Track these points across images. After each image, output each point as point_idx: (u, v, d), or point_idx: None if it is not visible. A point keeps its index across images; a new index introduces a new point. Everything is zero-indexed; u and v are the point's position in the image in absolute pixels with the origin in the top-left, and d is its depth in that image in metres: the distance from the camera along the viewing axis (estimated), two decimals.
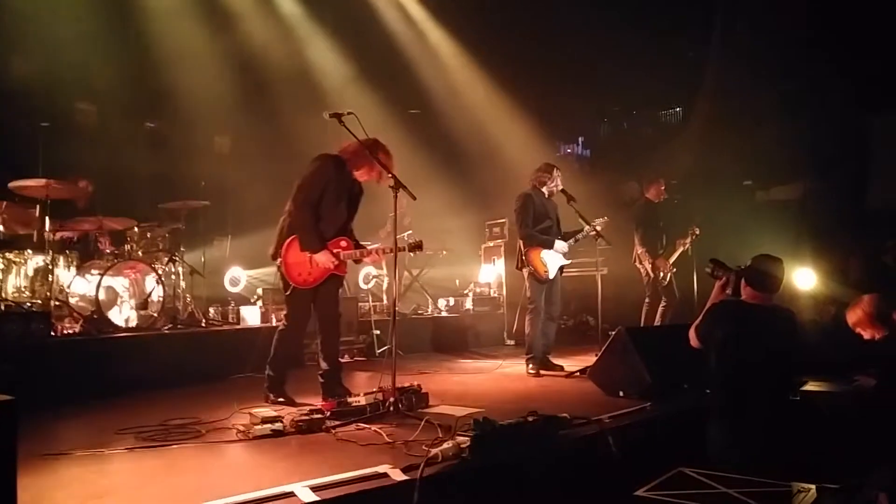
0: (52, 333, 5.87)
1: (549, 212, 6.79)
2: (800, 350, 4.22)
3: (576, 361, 6.90)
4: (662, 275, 8.20)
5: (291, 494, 2.95)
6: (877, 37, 9.06)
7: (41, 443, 3.86)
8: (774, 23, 9.97)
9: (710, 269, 4.39)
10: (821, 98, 9.82)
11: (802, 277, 7.66)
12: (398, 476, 3.18)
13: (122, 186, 8.12)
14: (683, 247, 8.26)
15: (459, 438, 3.57)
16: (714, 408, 4.02)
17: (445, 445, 3.46)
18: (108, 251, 7.11)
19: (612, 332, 5.59)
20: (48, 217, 6.57)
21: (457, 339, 9.14)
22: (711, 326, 4.09)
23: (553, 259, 6.66)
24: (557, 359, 6.84)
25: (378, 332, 8.03)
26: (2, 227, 6.60)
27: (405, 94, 11.39)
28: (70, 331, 6.21)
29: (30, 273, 6.34)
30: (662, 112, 13.36)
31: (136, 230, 7.27)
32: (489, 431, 3.61)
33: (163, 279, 6.86)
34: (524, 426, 3.90)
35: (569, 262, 6.87)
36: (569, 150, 13.82)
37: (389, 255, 5.07)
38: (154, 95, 9.26)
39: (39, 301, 6.24)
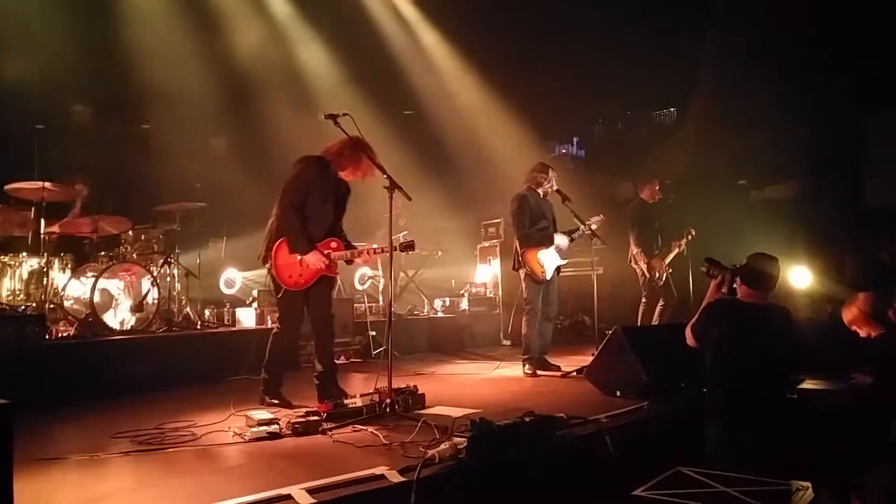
0: (47, 336, 5.87)
1: (546, 212, 6.78)
2: (796, 348, 4.21)
3: (572, 361, 6.89)
4: (658, 275, 8.21)
5: (288, 497, 2.94)
6: (871, 36, 9.08)
7: (37, 447, 3.85)
8: (769, 22, 9.99)
9: (706, 269, 4.39)
10: (815, 97, 9.83)
11: (798, 276, 7.68)
12: (395, 478, 3.18)
13: (117, 188, 8.09)
14: (679, 248, 8.26)
15: (456, 439, 3.58)
16: (711, 407, 4.02)
17: (442, 447, 3.47)
18: (103, 253, 7.09)
19: (609, 332, 5.58)
20: (43, 219, 6.56)
21: (453, 340, 9.13)
22: (707, 325, 4.09)
23: (550, 260, 6.65)
24: (554, 359, 6.84)
25: (374, 334, 8.03)
26: None
27: (399, 96, 11.39)
28: (65, 334, 6.19)
29: (24, 276, 6.34)
30: (657, 112, 13.36)
31: (131, 232, 7.26)
32: (486, 432, 3.61)
33: (158, 281, 6.85)
34: (521, 427, 3.90)
35: (565, 262, 6.86)
36: (563, 151, 13.81)
37: (385, 257, 5.07)
38: (148, 97, 9.23)
39: (34, 304, 6.23)
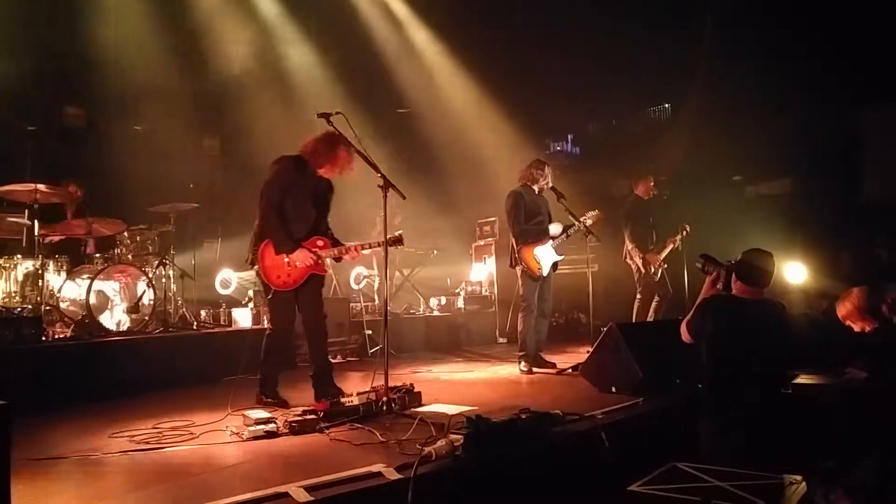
0: (44, 338, 5.86)
1: (541, 208, 6.78)
2: (791, 343, 4.22)
3: (568, 358, 6.91)
4: (653, 270, 8.22)
5: (286, 495, 2.95)
6: (866, 30, 9.08)
7: (34, 448, 3.85)
8: (764, 17, 9.99)
9: (701, 265, 4.40)
10: (810, 93, 9.84)
11: (793, 271, 7.71)
12: (392, 475, 3.19)
13: (111, 190, 8.08)
14: (674, 244, 8.27)
15: (453, 437, 3.58)
16: (706, 402, 4.03)
17: (439, 444, 3.47)
18: (98, 255, 7.08)
19: (604, 329, 5.59)
20: (37, 221, 6.55)
21: (449, 338, 9.16)
22: (702, 321, 4.10)
23: (546, 256, 6.66)
24: (549, 356, 6.86)
25: (370, 332, 8.04)
26: None
27: (393, 94, 11.38)
28: (62, 335, 6.19)
29: (20, 278, 6.33)
30: (652, 108, 13.36)
31: (126, 234, 7.25)
32: (482, 429, 3.62)
33: (153, 282, 6.84)
34: (517, 423, 3.92)
35: (561, 258, 6.86)
36: (558, 148, 13.80)
37: (381, 257, 5.06)
38: (141, 98, 9.22)
39: (30, 306, 6.22)
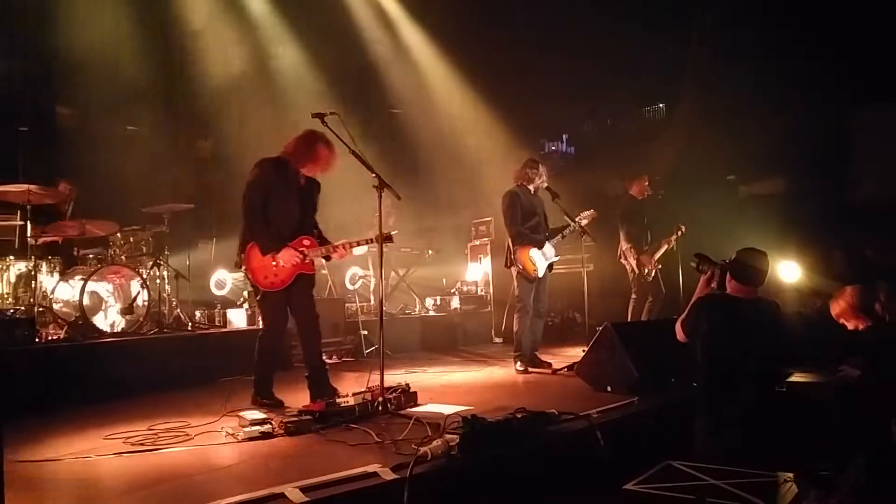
0: (37, 340, 5.84)
1: (536, 208, 6.78)
2: (785, 342, 4.23)
3: (563, 358, 6.91)
4: (648, 270, 8.24)
5: (282, 496, 2.94)
6: (860, 30, 9.11)
7: (29, 449, 3.84)
8: (758, 17, 10.02)
9: (695, 264, 4.41)
10: (804, 92, 9.86)
11: (787, 270, 7.73)
12: (388, 475, 3.18)
13: (105, 190, 8.04)
14: (668, 244, 8.29)
15: (448, 436, 3.58)
16: (701, 401, 4.04)
17: (434, 444, 3.47)
18: (91, 256, 7.06)
19: (599, 328, 5.59)
20: (30, 222, 6.53)
21: (445, 338, 9.15)
22: (697, 320, 4.10)
23: (542, 257, 6.66)
24: (545, 355, 6.86)
25: (366, 333, 8.02)
26: None
27: (388, 94, 11.37)
28: (55, 336, 6.17)
29: (12, 279, 6.32)
30: (646, 108, 13.38)
31: (120, 234, 7.22)
32: (478, 429, 3.62)
33: (147, 283, 6.83)
34: (512, 423, 3.93)
35: (557, 259, 6.87)
36: (553, 148, 13.82)
37: (376, 257, 5.05)
38: (134, 99, 9.19)
39: (23, 307, 6.19)
